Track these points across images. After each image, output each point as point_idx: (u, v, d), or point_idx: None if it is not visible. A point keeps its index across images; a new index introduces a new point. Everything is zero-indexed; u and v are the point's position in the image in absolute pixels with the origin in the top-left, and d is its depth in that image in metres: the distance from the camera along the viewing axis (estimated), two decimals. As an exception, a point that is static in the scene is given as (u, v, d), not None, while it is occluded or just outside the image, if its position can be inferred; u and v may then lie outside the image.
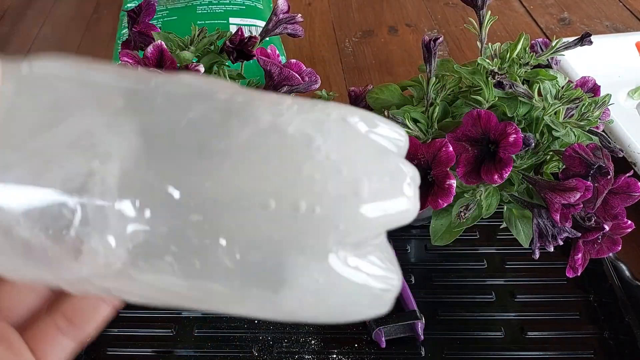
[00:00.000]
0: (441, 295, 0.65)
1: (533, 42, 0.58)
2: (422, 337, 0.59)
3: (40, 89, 0.25)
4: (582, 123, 0.52)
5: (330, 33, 1.18)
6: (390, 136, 0.27)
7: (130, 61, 0.45)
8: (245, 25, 0.98)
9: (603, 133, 0.52)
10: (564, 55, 0.57)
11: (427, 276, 0.67)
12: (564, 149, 0.48)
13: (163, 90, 0.26)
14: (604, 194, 0.47)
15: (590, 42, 0.55)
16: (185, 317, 0.63)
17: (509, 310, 0.63)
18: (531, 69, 0.54)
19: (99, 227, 0.23)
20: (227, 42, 0.55)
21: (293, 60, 0.50)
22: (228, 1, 1.03)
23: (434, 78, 0.55)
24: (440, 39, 0.53)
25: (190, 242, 0.24)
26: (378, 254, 0.27)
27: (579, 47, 0.56)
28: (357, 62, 1.08)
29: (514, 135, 0.47)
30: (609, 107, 0.53)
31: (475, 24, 0.55)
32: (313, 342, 0.61)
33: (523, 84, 0.54)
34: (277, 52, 0.54)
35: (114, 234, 0.24)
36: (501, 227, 0.56)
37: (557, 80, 0.54)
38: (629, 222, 0.50)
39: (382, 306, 0.28)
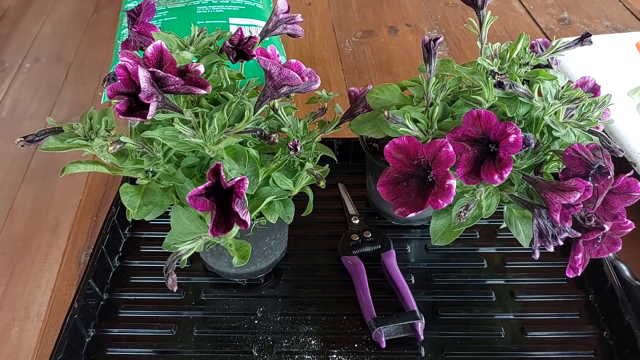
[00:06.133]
0: (441, 295, 0.65)
1: (533, 42, 0.58)
2: (422, 337, 0.59)
3: None
4: (582, 123, 0.52)
5: (330, 33, 1.18)
6: None
7: (130, 61, 0.45)
8: (245, 25, 0.98)
9: (603, 133, 0.52)
10: (564, 55, 0.56)
11: (427, 276, 0.67)
12: (564, 149, 0.48)
13: None
14: (604, 194, 0.47)
15: (591, 42, 0.55)
16: (185, 317, 0.63)
17: (509, 310, 0.63)
18: (531, 69, 0.54)
19: None
20: (227, 42, 0.55)
21: (293, 60, 0.50)
22: (228, 1, 1.03)
23: (434, 78, 0.55)
24: (440, 39, 0.53)
25: None
26: None
27: (579, 47, 0.56)
28: (357, 62, 1.08)
29: (514, 135, 0.47)
30: (609, 107, 0.53)
31: (475, 24, 0.55)
32: (313, 342, 0.61)
33: (523, 84, 0.54)
34: (277, 52, 0.54)
35: None
36: (501, 227, 0.56)
37: (557, 80, 0.54)
38: (629, 222, 0.50)
39: None
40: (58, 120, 0.73)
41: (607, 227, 0.48)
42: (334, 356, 0.59)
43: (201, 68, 0.47)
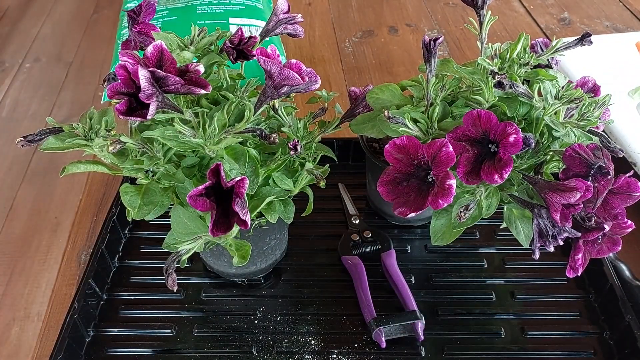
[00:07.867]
0: (441, 295, 0.65)
1: (533, 42, 0.58)
2: (422, 337, 0.59)
3: None
4: (582, 123, 0.52)
5: (331, 33, 1.18)
6: None
7: (130, 61, 0.45)
8: (245, 25, 0.98)
9: (603, 133, 0.52)
10: (564, 55, 0.56)
11: (427, 276, 0.67)
12: (564, 149, 0.48)
13: None
14: (604, 194, 0.47)
15: (591, 42, 0.55)
16: (185, 317, 0.63)
17: (509, 310, 0.63)
18: (531, 69, 0.54)
19: None
20: (227, 42, 0.55)
21: (293, 61, 0.50)
22: (228, 1, 1.03)
23: (434, 78, 0.55)
24: (441, 39, 0.53)
25: None
26: None
27: (579, 47, 0.56)
28: (357, 62, 1.08)
29: (514, 135, 0.47)
30: (609, 107, 0.53)
31: (475, 23, 0.55)
32: (313, 342, 0.61)
33: (523, 84, 0.54)
34: (277, 52, 0.54)
35: None
36: (501, 227, 0.56)
37: (557, 80, 0.54)
38: (629, 222, 0.50)
39: None
40: (58, 120, 0.73)
41: (607, 227, 0.48)
42: (334, 356, 0.59)
43: (201, 68, 0.47)
